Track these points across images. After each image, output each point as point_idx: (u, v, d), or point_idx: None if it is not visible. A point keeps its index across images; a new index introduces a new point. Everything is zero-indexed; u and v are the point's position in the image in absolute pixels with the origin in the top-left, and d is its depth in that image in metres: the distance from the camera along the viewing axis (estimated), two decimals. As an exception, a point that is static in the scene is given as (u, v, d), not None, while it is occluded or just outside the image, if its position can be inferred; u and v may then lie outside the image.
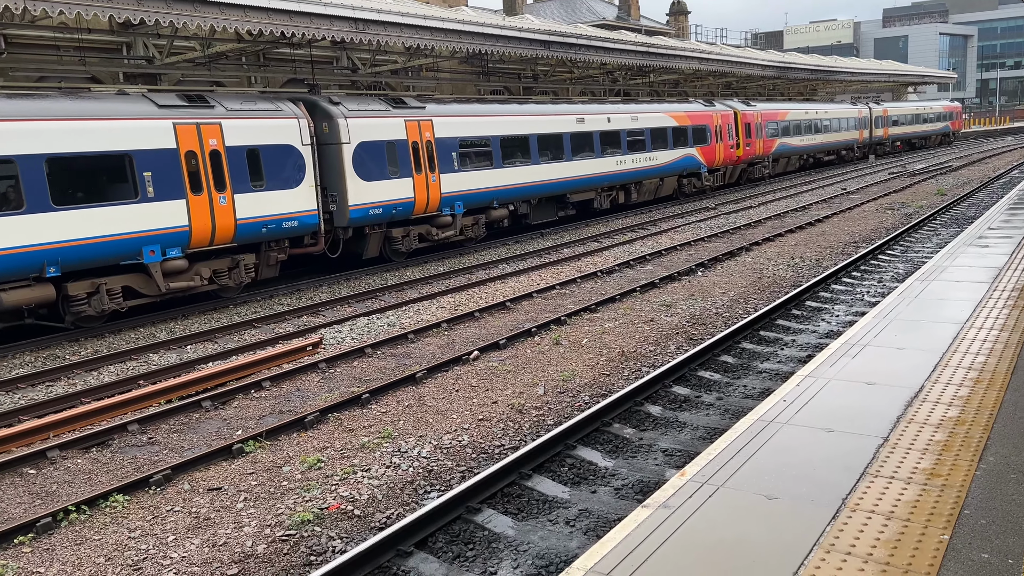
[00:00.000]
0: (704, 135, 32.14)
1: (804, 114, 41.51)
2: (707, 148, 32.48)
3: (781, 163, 40.63)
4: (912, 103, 59.23)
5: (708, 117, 32.36)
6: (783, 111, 39.14)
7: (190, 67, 20.12)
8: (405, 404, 9.48)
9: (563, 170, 25.20)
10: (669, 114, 30.94)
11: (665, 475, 7.26)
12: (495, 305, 14.37)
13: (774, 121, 37.77)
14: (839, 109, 46.41)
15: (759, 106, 37.03)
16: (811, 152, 43.58)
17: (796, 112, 40.77)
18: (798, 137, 40.92)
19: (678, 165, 30.96)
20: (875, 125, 51.23)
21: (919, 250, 18.14)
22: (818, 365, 7.25)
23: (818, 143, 43.64)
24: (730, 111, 34.36)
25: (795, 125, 40.35)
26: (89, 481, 7.85)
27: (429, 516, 6.35)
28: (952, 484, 4.72)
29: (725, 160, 33.91)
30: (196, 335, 13.25)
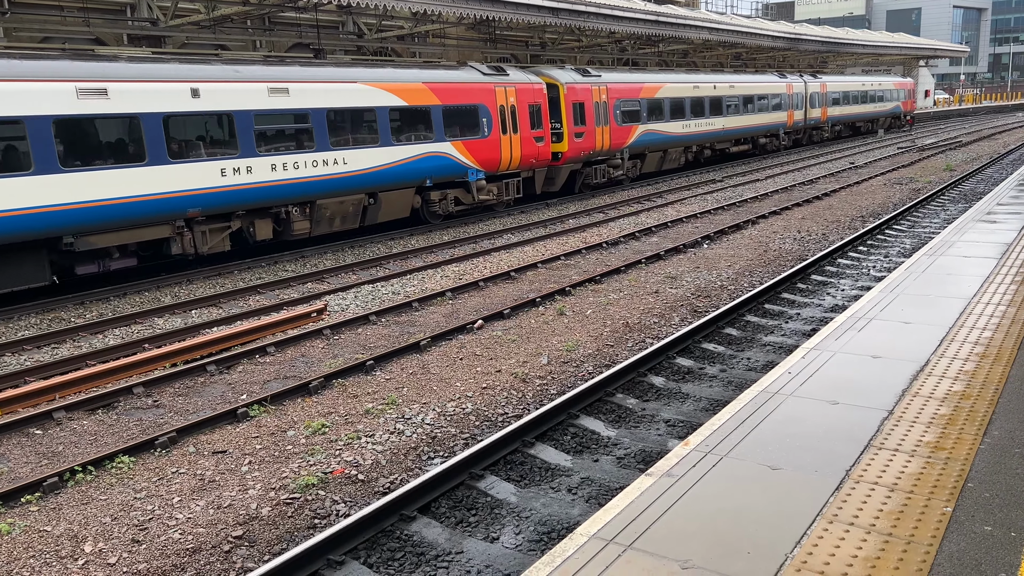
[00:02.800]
0: (476, 121, 20.85)
1: (691, 89, 30.46)
2: (480, 143, 20.91)
3: (649, 160, 28.99)
4: (858, 78, 48.85)
5: (484, 92, 21.11)
6: (651, 84, 28.09)
7: (195, 30, 19.92)
8: (409, 371, 9.50)
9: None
10: (386, 87, 18.52)
11: (668, 445, 7.28)
12: (500, 275, 14.35)
13: (632, 99, 26.85)
14: (754, 82, 35.96)
15: (607, 76, 26.19)
16: (702, 142, 32.01)
17: (676, 86, 29.59)
18: (678, 122, 29.63)
19: (412, 170, 19.17)
20: (810, 104, 41.42)
21: (927, 225, 18.03)
22: (824, 338, 7.24)
23: (715, 129, 32.39)
24: (538, 84, 23.09)
25: (673, 105, 29.29)
26: (95, 442, 7.91)
27: (432, 482, 6.39)
28: (956, 457, 4.72)
29: (523, 160, 22.54)
30: (200, 300, 13.27)
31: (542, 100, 23.15)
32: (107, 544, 5.93)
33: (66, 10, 18.21)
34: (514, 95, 22.16)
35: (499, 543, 5.82)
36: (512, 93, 22.12)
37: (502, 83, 21.89)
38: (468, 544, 5.76)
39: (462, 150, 20.42)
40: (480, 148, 20.94)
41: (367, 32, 24.08)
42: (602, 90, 25.56)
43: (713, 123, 32.29)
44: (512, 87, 22.16)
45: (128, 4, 19.26)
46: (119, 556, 5.76)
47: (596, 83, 25.49)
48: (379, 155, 18.15)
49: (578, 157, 24.78)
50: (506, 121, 21.80)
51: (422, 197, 20.03)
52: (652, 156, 29.08)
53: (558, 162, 24.31)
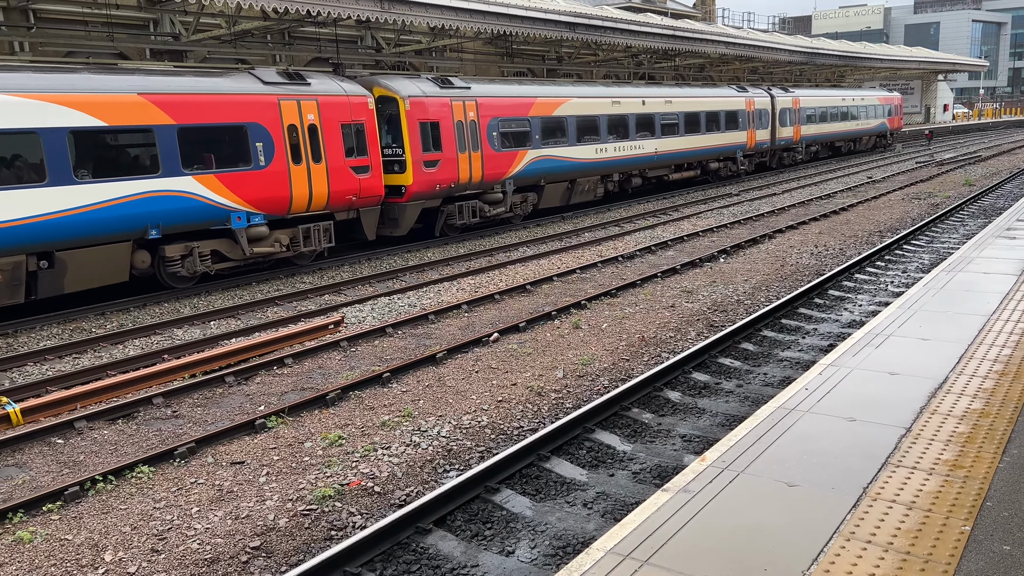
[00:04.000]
0: (243, 147, 15.37)
1: (607, 105, 24.87)
2: (251, 176, 15.47)
3: (550, 193, 23.29)
4: (838, 91, 43.12)
5: (258, 107, 15.52)
6: (547, 99, 22.64)
7: (216, 44, 20.20)
8: (425, 384, 9.54)
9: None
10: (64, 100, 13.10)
11: (684, 460, 7.27)
12: (515, 288, 14.39)
13: (517, 118, 21.61)
14: (701, 97, 30.27)
15: (479, 89, 20.76)
16: (627, 169, 26.57)
17: (586, 101, 24.11)
18: (590, 145, 24.21)
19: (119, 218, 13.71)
20: (780, 122, 35.83)
21: (945, 241, 17.91)
22: (841, 354, 7.21)
23: (645, 154, 26.75)
24: (360, 97, 17.56)
25: (582, 124, 23.89)
26: (115, 452, 8.00)
27: (448, 495, 6.42)
28: (975, 476, 4.70)
29: (333, 197, 17.07)
30: (219, 311, 13.40)
31: (366, 118, 17.58)
32: (127, 553, 5.99)
33: (90, 25, 18.53)
34: (315, 111, 16.47)
35: (514, 557, 5.83)
36: (312, 108, 16.42)
37: (294, 95, 16.19)
38: (483, 558, 5.78)
39: (217, 187, 14.88)
40: (252, 183, 15.29)
41: (385, 47, 24.33)
42: (469, 106, 20.05)
43: (641, 146, 26.56)
44: (312, 100, 16.46)
45: (151, 19, 19.58)
46: (138, 565, 5.82)
47: (459, 97, 19.87)
48: (50, 198, 12.65)
49: (431, 192, 19.18)
50: (301, 146, 16.22)
51: (153, 253, 14.62)
52: (552, 188, 23.33)
53: (400, 198, 18.77)
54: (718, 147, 31.46)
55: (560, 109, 23.19)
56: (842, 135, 43.60)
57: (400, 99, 18.53)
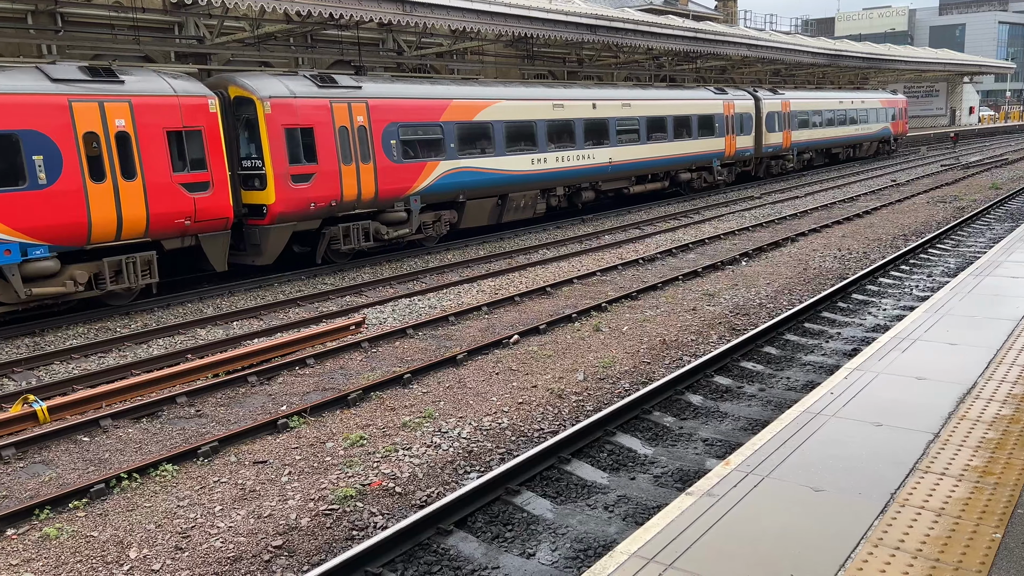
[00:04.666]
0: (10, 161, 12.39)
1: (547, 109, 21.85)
2: (20, 197, 12.45)
3: (473, 210, 20.18)
4: (834, 94, 39.83)
5: (39, 111, 12.59)
6: (465, 101, 19.55)
7: (240, 47, 20.38)
8: (446, 385, 9.55)
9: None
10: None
11: (706, 464, 7.22)
12: (535, 290, 14.37)
13: (425, 123, 18.49)
14: (667, 99, 26.92)
15: (372, 89, 17.63)
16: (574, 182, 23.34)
17: (519, 104, 21.05)
18: (525, 154, 21.07)
19: None
20: (767, 127, 32.48)
21: (972, 244, 17.67)
22: (867, 358, 7.13)
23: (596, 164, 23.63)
24: (195, 98, 14.69)
25: (513, 131, 20.74)
26: (140, 450, 8.08)
27: (469, 496, 6.41)
28: (1005, 482, 4.62)
29: (154, 222, 14.03)
30: (241, 312, 13.50)
31: (205, 123, 14.65)
32: (151, 551, 6.04)
33: (117, 28, 18.77)
34: (127, 115, 13.44)
35: (535, 559, 5.81)
36: (122, 112, 13.38)
37: (95, 95, 13.16)
38: (504, 559, 5.77)
39: None
40: (26, 207, 12.38)
41: (407, 49, 24.42)
42: (357, 108, 16.80)
43: (592, 156, 23.38)
44: (121, 102, 13.41)
45: (176, 23, 19.79)
46: (162, 563, 5.87)
47: (343, 97, 16.64)
48: None
49: (304, 212, 16.13)
50: (105, 159, 13.23)
51: None
52: (476, 205, 20.06)
53: (261, 220, 15.78)
54: (689, 156, 28.10)
55: (484, 113, 19.95)
56: (839, 141, 40.07)
57: (258, 100, 15.43)
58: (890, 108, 45.31)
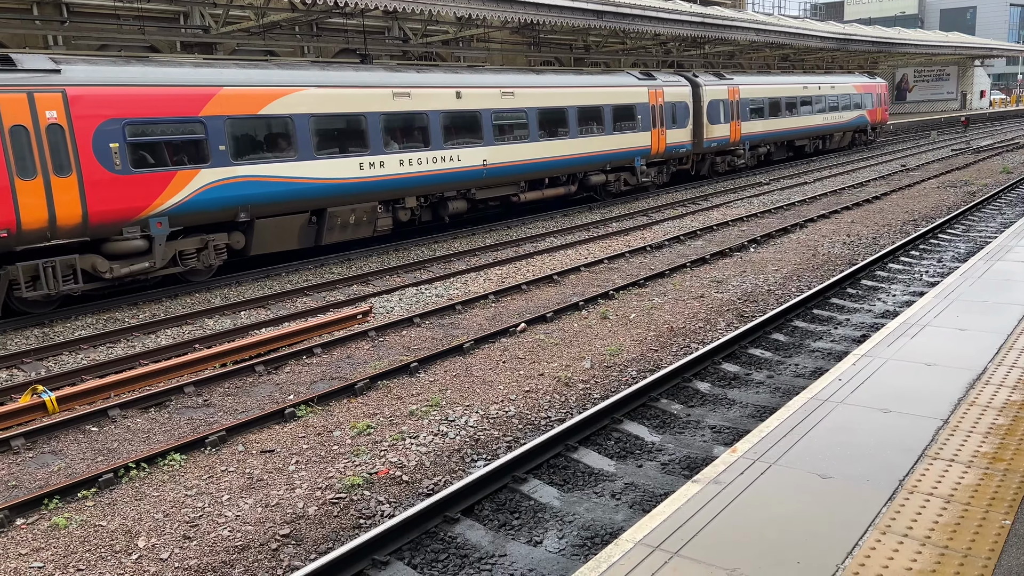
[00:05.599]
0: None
1: (386, 100, 17.27)
2: None
3: (265, 232, 15.64)
4: (797, 78, 35.04)
5: None
6: (240, 89, 14.94)
7: (245, 36, 20.34)
8: (453, 374, 9.55)
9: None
10: None
11: (713, 452, 7.19)
12: (542, 278, 14.34)
13: (174, 120, 14.11)
14: (568, 87, 22.32)
15: (76, 73, 12.89)
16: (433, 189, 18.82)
17: (338, 93, 16.49)
18: (353, 156, 16.71)
19: None
20: (709, 117, 28.10)
21: (983, 229, 17.52)
22: (875, 344, 7.08)
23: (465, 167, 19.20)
24: None
25: (329, 128, 16.34)
26: (148, 440, 8.11)
27: (476, 484, 6.41)
28: (1015, 469, 4.58)
29: None
30: (249, 301, 13.52)
31: None
32: (159, 540, 6.07)
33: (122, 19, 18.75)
34: None
35: (542, 547, 5.81)
36: None
37: None
38: (511, 547, 5.77)
39: None
40: None
41: (412, 37, 24.32)
42: (46, 100, 12.35)
43: (457, 157, 18.87)
44: None
45: (181, 12, 19.75)
46: (171, 552, 5.89)
47: (21, 86, 12.18)
48: None
49: None
50: None
51: None
52: (271, 225, 15.62)
53: None
54: (601, 154, 23.49)
55: (279, 104, 15.39)
56: (804, 132, 35.30)
57: None
58: (866, 94, 40.72)
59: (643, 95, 25.14)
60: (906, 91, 73.44)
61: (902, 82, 73.30)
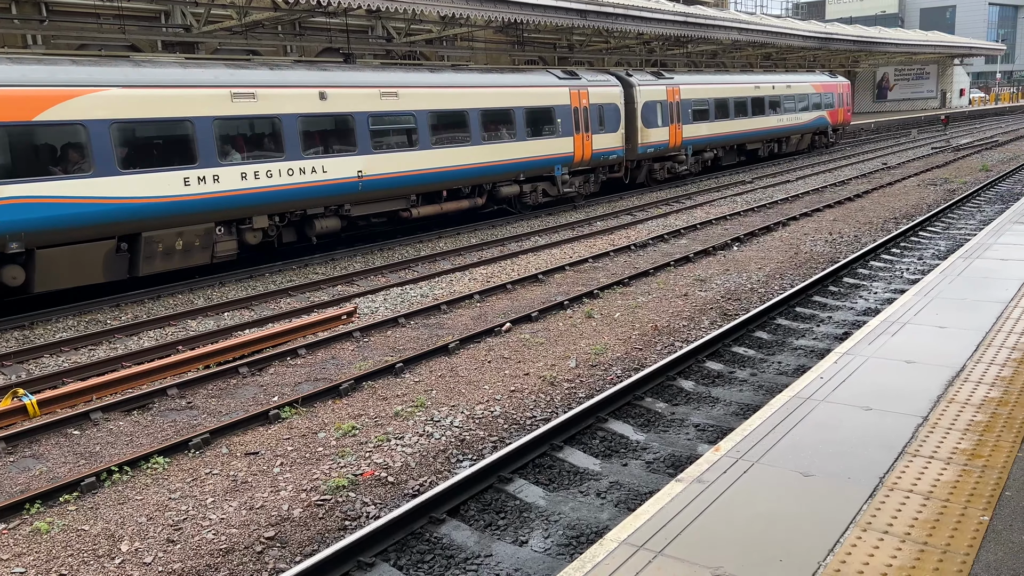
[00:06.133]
0: None
1: (220, 102, 14.74)
2: None
3: (51, 265, 12.91)
4: (749, 76, 33.26)
5: None
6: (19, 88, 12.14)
7: (227, 36, 20.21)
8: (438, 374, 9.55)
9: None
10: None
11: (697, 450, 7.24)
12: (527, 277, 14.36)
13: None
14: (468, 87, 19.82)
15: None
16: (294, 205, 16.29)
17: (146, 96, 13.68)
18: (162, 172, 13.95)
19: None
20: (645, 120, 25.79)
21: (962, 227, 17.72)
22: (856, 342, 7.15)
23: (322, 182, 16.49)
24: None
25: (127, 135, 13.53)
26: (131, 443, 8.05)
27: (461, 484, 6.42)
28: (993, 465, 4.64)
29: None
30: (232, 302, 13.45)
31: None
32: (143, 543, 6.04)
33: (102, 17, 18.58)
34: None
35: (528, 546, 5.83)
36: None
37: None
38: (497, 547, 5.78)
39: None
40: None
41: (396, 36, 24.26)
42: None
43: (324, 169, 16.37)
44: None
45: (162, 11, 19.60)
46: (154, 555, 5.86)
47: None
48: None
49: None
50: None
51: None
52: (66, 255, 13.12)
53: None
54: (512, 162, 20.94)
55: (64, 109, 12.71)
56: (756, 135, 32.95)
57: None
58: (827, 93, 38.48)
59: (563, 96, 22.57)
60: (887, 90, 74.05)
61: (883, 81, 73.90)
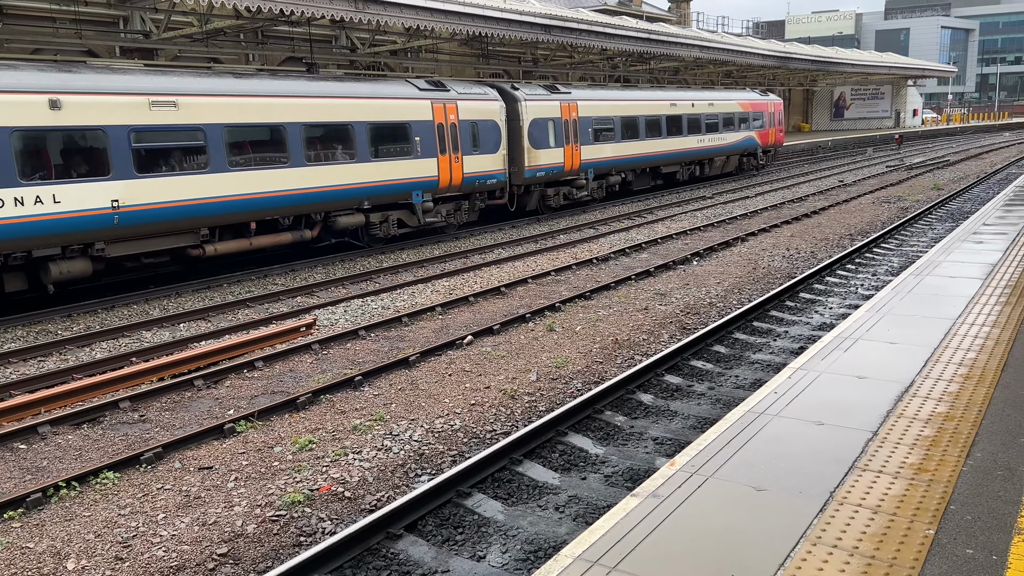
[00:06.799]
0: None
1: None
2: None
3: None
4: (661, 93, 29.87)
5: None
6: None
7: (187, 43, 19.96)
8: (398, 387, 9.49)
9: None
10: None
11: (655, 463, 7.29)
12: (490, 290, 14.36)
13: None
14: (289, 96, 16.49)
15: None
16: None
17: None
18: None
19: None
20: (533, 140, 22.81)
21: (914, 244, 18.18)
22: (810, 358, 7.28)
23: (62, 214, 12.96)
24: None
25: None
26: (80, 457, 7.85)
27: (419, 499, 6.38)
28: (939, 479, 4.75)
29: None
30: (189, 313, 13.23)
31: None
32: (90, 561, 5.88)
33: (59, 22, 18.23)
34: None
35: (486, 562, 5.81)
36: None
37: None
38: (455, 563, 5.75)
39: None
40: None
41: (360, 47, 24.20)
42: None
43: (54, 198, 13.01)
44: None
45: (121, 17, 19.29)
46: (102, 574, 5.71)
47: None
48: None
49: None
50: None
51: None
52: None
53: None
54: (352, 188, 17.79)
55: None
56: (672, 156, 29.90)
57: None
58: (756, 112, 35.65)
59: (424, 110, 19.27)
60: (844, 108, 75.83)
61: (840, 99, 75.69)
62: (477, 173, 21.04)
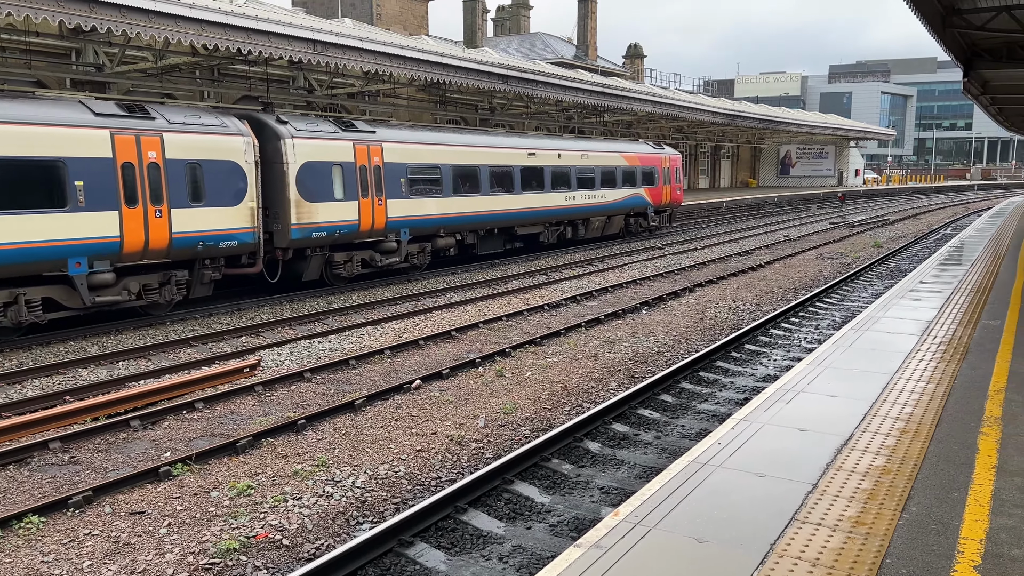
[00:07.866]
0: None
1: None
2: None
3: None
4: (513, 139, 24.74)
5: None
6: None
7: (141, 77, 19.78)
8: (342, 432, 9.32)
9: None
10: None
11: (601, 513, 7.26)
12: (440, 334, 14.30)
13: None
14: None
15: None
16: None
17: None
18: None
19: None
20: (306, 189, 17.52)
21: (855, 299, 18.71)
22: (753, 409, 7.38)
23: None
24: None
25: None
26: (3, 500, 7.49)
27: (360, 548, 6.23)
28: (876, 532, 4.83)
29: None
30: (129, 351, 12.85)
31: None
32: (7, 612, 5.57)
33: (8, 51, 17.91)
34: None
35: (425, 614, 5.67)
36: None
37: None
38: (393, 615, 5.60)
39: None
40: None
41: (318, 88, 24.27)
42: None
43: None
44: None
45: (73, 49, 19.06)
46: (19, 625, 5.41)
47: None
48: None
49: None
50: None
51: None
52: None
53: None
54: None
55: None
56: (530, 215, 25.26)
57: None
58: (647, 167, 31.21)
59: (92, 144, 13.77)
60: (790, 166, 78.49)
61: (786, 157, 78.36)
62: (199, 233, 15.57)
